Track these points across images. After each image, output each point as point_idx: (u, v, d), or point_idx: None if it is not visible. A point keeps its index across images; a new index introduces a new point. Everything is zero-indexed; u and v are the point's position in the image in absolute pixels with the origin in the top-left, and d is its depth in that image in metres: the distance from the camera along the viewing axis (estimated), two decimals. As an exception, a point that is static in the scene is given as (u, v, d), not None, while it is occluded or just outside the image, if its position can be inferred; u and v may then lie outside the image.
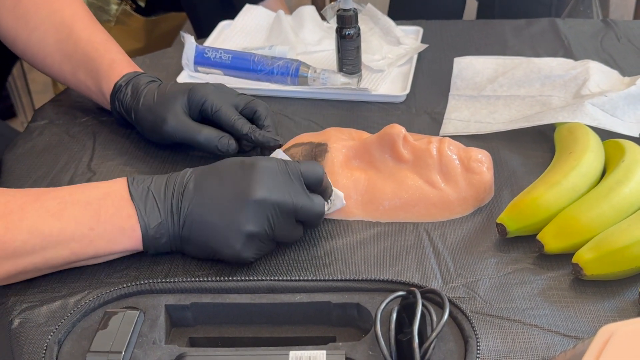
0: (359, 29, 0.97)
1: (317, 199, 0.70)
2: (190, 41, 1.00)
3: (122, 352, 0.56)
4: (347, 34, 0.96)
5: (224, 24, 1.20)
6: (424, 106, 0.97)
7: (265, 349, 0.58)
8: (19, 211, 0.65)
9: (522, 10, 1.48)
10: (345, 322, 0.63)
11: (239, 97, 0.85)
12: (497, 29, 1.17)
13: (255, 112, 0.84)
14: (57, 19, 0.91)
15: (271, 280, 0.63)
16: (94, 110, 0.97)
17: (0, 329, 0.66)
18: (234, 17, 1.20)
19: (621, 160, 0.74)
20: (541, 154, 0.85)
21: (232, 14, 1.22)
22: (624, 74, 0.99)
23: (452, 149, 0.77)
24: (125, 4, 1.65)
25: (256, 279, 0.63)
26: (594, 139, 0.78)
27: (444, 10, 1.58)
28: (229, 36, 1.16)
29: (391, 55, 1.07)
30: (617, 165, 0.73)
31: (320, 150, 0.79)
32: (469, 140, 0.88)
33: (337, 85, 0.97)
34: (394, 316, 0.56)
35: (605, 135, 0.82)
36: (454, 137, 0.85)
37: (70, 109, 0.98)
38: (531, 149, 0.86)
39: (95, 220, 0.65)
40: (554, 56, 1.05)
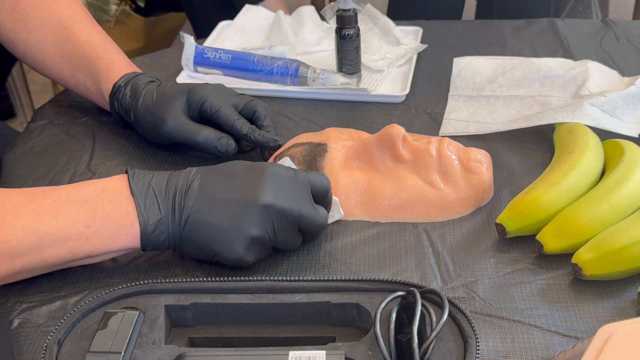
0: (359, 29, 0.97)
1: (322, 210, 0.70)
2: (189, 41, 1.00)
3: (122, 353, 0.56)
4: (347, 34, 0.96)
5: (223, 24, 1.20)
6: (424, 106, 0.97)
7: (264, 349, 0.58)
8: (14, 210, 0.64)
9: (520, 9, 1.48)
10: (344, 322, 0.63)
11: (239, 97, 0.85)
12: (496, 29, 1.17)
13: (254, 113, 0.84)
14: (56, 21, 0.91)
15: (271, 280, 0.63)
16: (93, 110, 0.97)
17: (0, 329, 0.66)
18: (233, 17, 1.20)
19: (620, 160, 0.74)
20: (540, 154, 0.85)
21: (231, 14, 1.22)
22: (623, 74, 1.00)
23: (452, 149, 0.77)
24: (124, 4, 1.65)
25: (256, 279, 0.63)
26: (593, 139, 0.79)
27: (443, 10, 1.58)
28: (229, 36, 1.16)
29: (390, 55, 1.07)
30: (616, 165, 0.74)
31: (319, 150, 0.79)
32: (468, 140, 0.88)
33: (337, 85, 0.97)
34: (394, 316, 0.56)
35: (604, 135, 0.82)
36: (454, 137, 0.85)
37: (69, 109, 0.99)
38: (530, 149, 0.86)
39: (91, 217, 0.65)
40: (553, 56, 1.05)
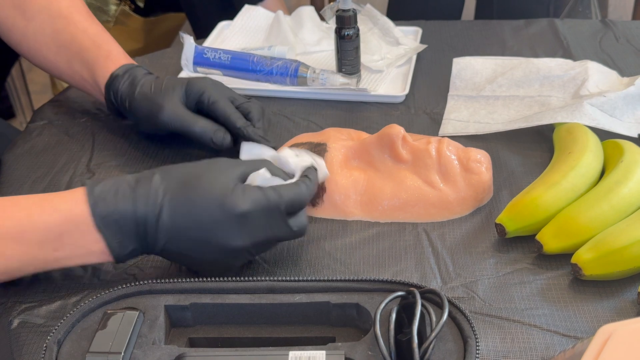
0: (358, 30, 0.97)
1: (298, 222, 0.66)
2: (189, 41, 1.00)
3: (122, 353, 0.56)
4: (346, 34, 0.97)
5: (223, 24, 1.20)
6: (423, 106, 0.97)
7: (264, 349, 0.58)
8: None
9: (520, 9, 1.48)
10: (344, 322, 0.63)
11: (236, 95, 0.85)
12: (496, 30, 1.17)
13: (249, 113, 0.84)
14: (54, 10, 0.91)
15: (270, 280, 0.63)
16: (93, 110, 0.97)
17: (0, 329, 0.66)
18: (233, 18, 1.21)
19: (620, 160, 0.74)
20: (540, 154, 0.85)
21: (231, 14, 1.22)
22: (622, 74, 1.00)
23: (451, 149, 0.77)
24: (124, 4, 1.65)
25: (256, 279, 0.63)
26: (593, 139, 0.79)
27: (442, 10, 1.58)
28: (228, 36, 1.16)
29: (390, 55, 1.07)
30: (616, 165, 0.74)
31: (319, 150, 0.79)
32: (467, 140, 0.88)
33: (336, 85, 0.97)
34: (394, 316, 0.56)
35: (604, 135, 0.82)
36: (453, 138, 0.85)
37: (69, 110, 0.99)
38: (530, 149, 0.86)
39: (59, 243, 0.62)
40: (552, 56, 1.05)
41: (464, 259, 0.70)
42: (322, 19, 1.09)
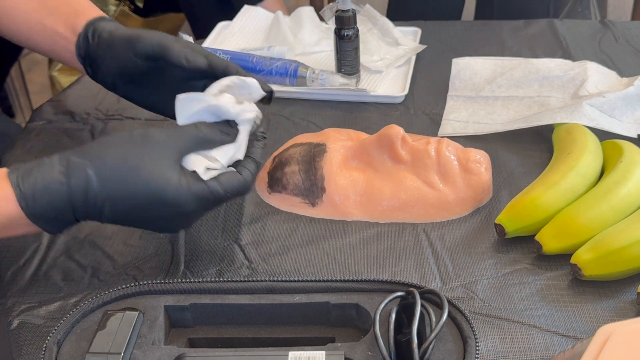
0: (358, 30, 0.97)
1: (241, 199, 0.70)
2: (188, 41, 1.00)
3: (122, 353, 0.56)
4: (346, 34, 0.97)
5: (222, 25, 1.20)
6: (423, 107, 0.97)
7: (264, 350, 0.58)
8: None
9: (520, 9, 1.48)
10: (344, 322, 0.63)
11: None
12: (495, 30, 1.17)
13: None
14: None
15: (270, 281, 0.63)
16: (92, 110, 0.97)
17: (-1, 329, 0.66)
18: (232, 18, 1.20)
19: (619, 160, 0.74)
20: (539, 154, 0.85)
21: (230, 15, 1.22)
22: (622, 74, 1.00)
23: (451, 150, 0.77)
24: (123, 5, 1.65)
25: (255, 279, 0.63)
26: (592, 139, 0.79)
27: (442, 10, 1.58)
28: (228, 37, 1.16)
29: (390, 56, 1.07)
30: (615, 165, 0.74)
31: (318, 150, 0.79)
32: (467, 140, 0.88)
33: (336, 85, 0.97)
34: (393, 316, 0.56)
35: (603, 135, 0.82)
36: (453, 138, 0.85)
37: (68, 110, 0.98)
38: (529, 149, 0.86)
39: None
40: (552, 57, 1.05)
41: (464, 259, 0.71)
42: (322, 19, 1.09)
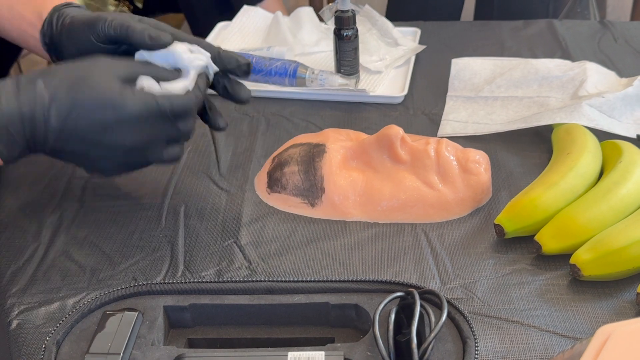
0: (357, 30, 0.97)
1: (186, 125, 0.69)
2: (188, 42, 1.00)
3: (121, 354, 0.56)
4: (345, 35, 0.97)
5: (221, 25, 1.20)
6: (422, 107, 0.97)
7: (263, 350, 0.58)
8: None
9: (519, 9, 1.48)
10: (343, 322, 0.63)
11: None
12: (494, 30, 1.17)
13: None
14: None
15: (269, 281, 0.63)
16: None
17: (-2, 330, 0.66)
18: (231, 18, 1.21)
19: (618, 161, 0.74)
20: (539, 154, 0.85)
21: (229, 15, 1.22)
22: (621, 75, 1.00)
23: (450, 150, 0.77)
24: (122, 5, 1.65)
25: (254, 280, 0.63)
26: (592, 140, 0.79)
27: (441, 10, 1.58)
28: (227, 37, 1.16)
29: (389, 56, 1.07)
30: (614, 166, 0.74)
31: (318, 151, 0.79)
32: (466, 141, 0.88)
33: (335, 86, 0.97)
34: (393, 317, 0.56)
35: (602, 136, 0.82)
36: (452, 138, 0.85)
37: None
38: (529, 149, 0.86)
39: None
40: (551, 57, 1.05)
41: (463, 259, 0.71)
42: (321, 19, 1.09)
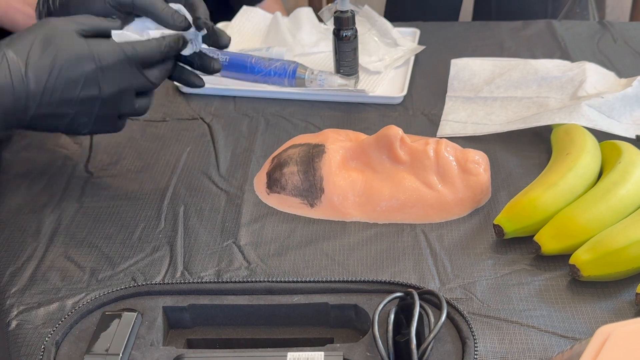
0: (356, 31, 0.97)
1: (153, 73, 0.73)
2: (187, 42, 1.00)
3: (120, 354, 0.56)
4: (345, 35, 0.97)
5: (221, 26, 1.20)
6: (421, 107, 0.97)
7: (263, 351, 0.58)
8: None
9: (518, 10, 1.48)
10: (343, 323, 0.63)
11: None
12: (493, 31, 1.18)
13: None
14: None
15: (269, 281, 0.63)
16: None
17: (-3, 330, 0.66)
18: (231, 19, 1.21)
19: (618, 161, 0.74)
20: (538, 155, 0.85)
21: (229, 16, 1.22)
22: (620, 75, 1.00)
23: (449, 151, 0.77)
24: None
25: (254, 280, 0.63)
26: (591, 140, 0.79)
27: (439, 10, 1.58)
28: (226, 38, 1.16)
29: (388, 56, 1.07)
30: (613, 166, 0.74)
31: (317, 151, 0.79)
32: (465, 141, 0.88)
33: (335, 86, 0.97)
34: (392, 317, 0.56)
35: (601, 136, 0.82)
36: (451, 139, 0.85)
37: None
38: (528, 150, 0.86)
39: None
40: (550, 58, 1.06)
41: (462, 260, 0.71)
42: (320, 20, 1.09)
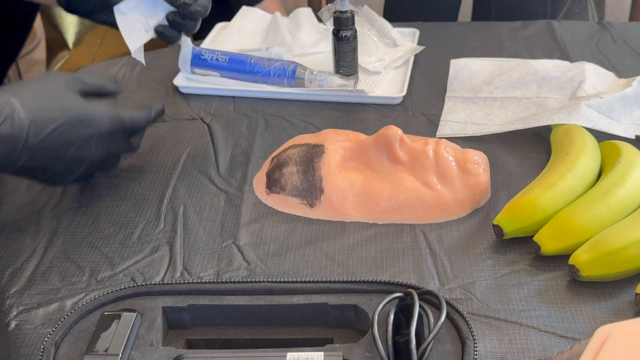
0: (356, 31, 0.97)
1: (136, 140, 0.79)
2: (187, 43, 1.00)
3: (119, 354, 0.56)
4: (344, 35, 0.97)
5: (220, 26, 1.20)
6: (421, 108, 0.97)
7: (262, 351, 0.58)
8: None
9: (518, 10, 1.48)
10: (342, 323, 0.63)
11: None
12: (493, 31, 1.17)
13: None
14: None
15: (268, 282, 0.63)
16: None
17: (-3, 331, 0.66)
18: (230, 19, 1.20)
19: (617, 161, 0.74)
20: (537, 155, 0.85)
21: (228, 16, 1.22)
22: (619, 75, 1.00)
23: (449, 151, 0.77)
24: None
25: (253, 280, 0.63)
26: (590, 140, 0.79)
27: (438, 10, 1.58)
28: (226, 38, 1.16)
29: (388, 57, 1.07)
30: (613, 166, 0.74)
31: (317, 151, 0.79)
32: (465, 141, 0.88)
33: (334, 87, 0.97)
34: (392, 317, 0.56)
35: (601, 136, 0.82)
36: (451, 139, 0.85)
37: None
38: (527, 150, 0.86)
39: None
40: (550, 58, 1.06)
41: (462, 260, 0.71)
42: (320, 20, 1.08)
